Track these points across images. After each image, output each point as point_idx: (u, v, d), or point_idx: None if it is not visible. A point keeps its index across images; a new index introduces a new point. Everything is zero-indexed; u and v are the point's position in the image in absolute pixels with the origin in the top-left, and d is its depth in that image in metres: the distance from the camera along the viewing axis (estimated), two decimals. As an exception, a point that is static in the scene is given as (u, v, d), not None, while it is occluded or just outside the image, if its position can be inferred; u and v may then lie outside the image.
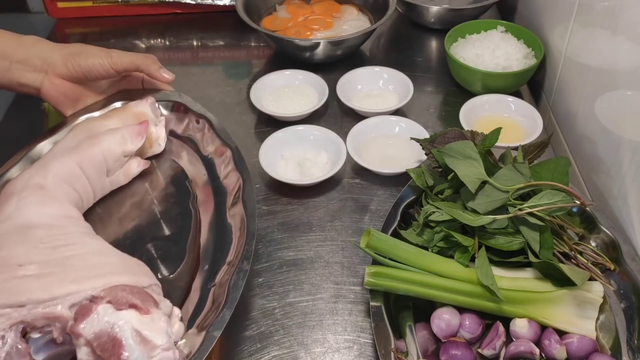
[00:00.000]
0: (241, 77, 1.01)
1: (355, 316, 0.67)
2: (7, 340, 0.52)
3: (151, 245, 0.68)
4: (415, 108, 0.93)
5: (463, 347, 0.58)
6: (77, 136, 0.71)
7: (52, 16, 1.16)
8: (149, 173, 0.76)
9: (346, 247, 0.73)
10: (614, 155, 0.70)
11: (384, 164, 0.81)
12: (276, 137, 0.83)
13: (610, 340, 0.59)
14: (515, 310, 0.60)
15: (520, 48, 0.94)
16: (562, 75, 0.88)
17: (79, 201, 0.69)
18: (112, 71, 0.77)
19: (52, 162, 0.67)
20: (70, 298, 0.53)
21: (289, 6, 1.10)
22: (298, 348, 0.64)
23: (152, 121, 0.77)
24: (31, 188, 0.64)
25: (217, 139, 0.76)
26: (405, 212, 0.69)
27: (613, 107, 0.72)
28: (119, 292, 0.54)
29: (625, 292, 0.62)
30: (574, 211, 0.68)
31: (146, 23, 1.15)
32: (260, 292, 0.69)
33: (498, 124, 0.70)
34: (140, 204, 0.73)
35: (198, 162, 0.76)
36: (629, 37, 0.67)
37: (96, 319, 0.52)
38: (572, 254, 0.63)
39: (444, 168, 0.67)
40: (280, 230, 0.76)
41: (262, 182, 0.81)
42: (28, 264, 0.55)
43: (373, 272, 0.60)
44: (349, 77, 0.94)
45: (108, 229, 0.70)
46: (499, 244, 0.61)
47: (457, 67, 0.93)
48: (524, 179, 0.63)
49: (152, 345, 0.52)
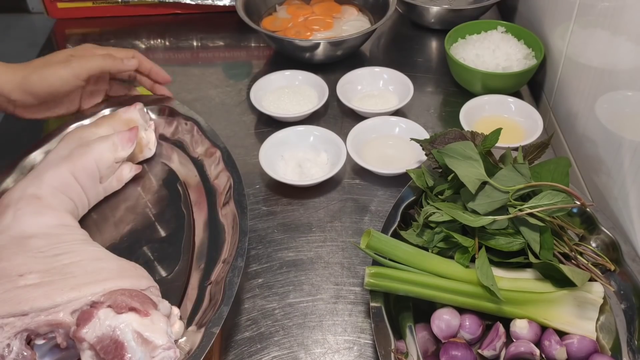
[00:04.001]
0: (241, 78, 1.01)
1: (355, 317, 0.66)
2: (12, 348, 0.53)
3: (147, 248, 0.69)
4: (416, 108, 0.93)
5: (463, 347, 0.58)
6: (68, 145, 0.72)
7: (51, 16, 1.16)
8: (142, 177, 0.77)
9: (346, 247, 0.73)
10: (615, 156, 0.70)
11: (384, 164, 0.81)
12: (276, 137, 0.83)
13: (610, 341, 0.59)
14: (515, 310, 0.60)
15: (520, 48, 0.94)
16: (563, 75, 0.88)
17: (74, 209, 0.70)
18: (77, 82, 0.76)
19: (46, 172, 0.68)
20: (71, 304, 0.54)
21: (289, 7, 1.10)
22: (298, 349, 0.64)
23: (142, 126, 0.78)
24: (27, 199, 0.65)
25: (206, 141, 0.78)
26: (406, 212, 0.69)
27: (613, 108, 0.72)
28: (119, 296, 0.55)
29: (625, 293, 0.62)
30: (574, 212, 0.68)
31: (146, 23, 1.15)
32: (260, 293, 0.69)
33: (498, 125, 0.70)
34: (134, 207, 0.74)
35: (189, 164, 0.78)
36: (629, 37, 0.67)
37: (98, 324, 0.53)
38: (573, 254, 0.63)
39: (444, 169, 0.67)
40: (280, 230, 0.76)
41: (262, 182, 0.81)
42: (28, 274, 0.57)
43: (373, 272, 0.60)
44: (349, 77, 0.94)
45: (104, 234, 0.71)
46: (499, 244, 0.61)
47: (457, 68, 0.93)
48: (524, 179, 0.63)
49: (154, 345, 0.53)
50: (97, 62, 0.76)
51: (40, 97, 0.74)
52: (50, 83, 0.74)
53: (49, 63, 0.75)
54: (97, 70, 0.77)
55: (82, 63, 0.75)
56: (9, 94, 0.73)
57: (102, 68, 0.77)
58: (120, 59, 0.79)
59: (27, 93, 0.74)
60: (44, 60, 0.76)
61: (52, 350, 0.56)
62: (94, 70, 0.76)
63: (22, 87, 0.73)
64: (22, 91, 0.73)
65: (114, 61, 0.78)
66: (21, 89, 0.73)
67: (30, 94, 0.74)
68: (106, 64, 0.77)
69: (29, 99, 0.74)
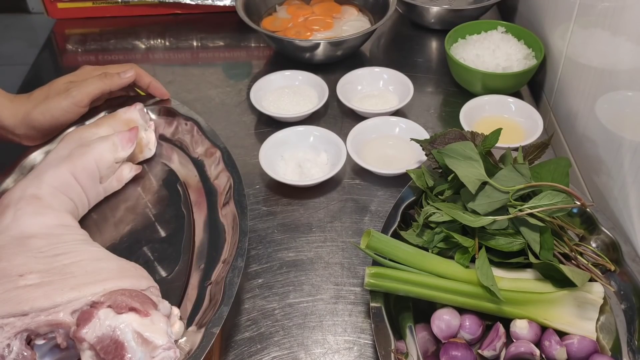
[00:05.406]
0: (241, 78, 1.01)
1: (355, 317, 0.66)
2: (12, 349, 0.53)
3: (147, 248, 0.69)
4: (416, 109, 0.93)
5: (463, 348, 0.58)
6: (68, 145, 0.72)
7: (51, 17, 1.16)
8: (142, 177, 0.78)
9: (346, 248, 0.73)
10: (615, 156, 0.70)
11: (384, 164, 0.81)
12: (276, 137, 0.82)
13: (610, 341, 0.59)
14: (515, 311, 0.60)
15: (520, 48, 0.94)
16: (563, 75, 0.88)
17: (74, 209, 0.70)
18: (80, 109, 0.76)
19: (46, 172, 0.68)
20: (71, 305, 0.54)
21: (289, 7, 1.10)
22: (298, 349, 0.64)
23: (142, 127, 0.78)
24: (27, 199, 0.65)
25: (206, 141, 0.78)
26: (406, 213, 0.69)
27: (614, 108, 0.72)
28: (119, 296, 0.55)
29: (625, 293, 0.62)
30: (575, 212, 0.68)
31: (146, 23, 1.15)
32: (260, 293, 0.69)
33: (498, 125, 0.70)
34: (135, 208, 0.74)
35: (189, 164, 0.78)
36: (629, 37, 0.67)
37: (98, 324, 0.53)
38: (573, 254, 0.63)
39: (444, 169, 0.67)
40: (280, 231, 0.76)
41: (262, 182, 0.81)
42: (28, 274, 0.57)
43: (373, 273, 0.60)
44: (349, 77, 0.94)
45: (104, 234, 0.71)
46: (499, 244, 0.61)
47: (458, 68, 0.93)
48: (524, 179, 0.63)
49: (154, 345, 0.53)
50: (95, 85, 0.77)
51: (44, 130, 0.76)
52: (53, 116, 0.75)
53: (49, 95, 0.75)
54: (97, 93, 0.77)
55: (82, 89, 0.76)
56: (13, 129, 0.75)
57: (102, 89, 0.77)
58: (117, 74, 0.79)
59: (31, 127, 0.75)
60: (44, 92, 0.76)
61: (52, 350, 0.56)
62: (94, 95, 0.77)
63: (25, 123, 0.74)
64: (26, 126, 0.75)
65: (112, 79, 0.78)
66: (24, 124, 0.75)
67: (34, 128, 0.75)
68: (105, 85, 0.77)
69: (33, 132, 0.76)
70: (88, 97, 0.76)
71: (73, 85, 0.76)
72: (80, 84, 0.76)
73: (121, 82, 0.79)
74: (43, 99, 0.75)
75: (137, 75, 0.81)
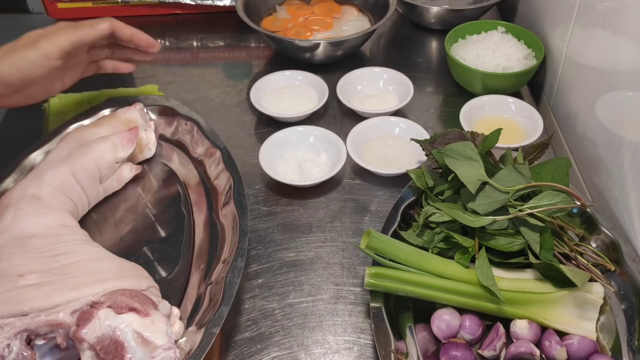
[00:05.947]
0: (241, 78, 1.01)
1: (355, 317, 0.66)
2: (12, 349, 0.53)
3: (147, 248, 0.69)
4: (416, 109, 0.93)
5: (463, 348, 0.58)
6: (68, 145, 0.72)
7: (51, 17, 1.16)
8: (142, 177, 0.78)
9: (346, 248, 0.73)
10: (615, 156, 0.70)
11: (384, 164, 0.81)
12: (276, 137, 0.82)
13: (610, 341, 0.59)
14: (515, 311, 0.60)
15: (520, 49, 0.94)
16: (563, 75, 0.88)
17: (74, 209, 0.70)
18: (49, 62, 0.70)
19: (46, 172, 0.68)
20: (71, 305, 0.55)
21: (289, 7, 1.10)
22: (298, 349, 0.64)
23: (142, 127, 0.78)
24: (27, 199, 0.65)
25: (206, 141, 0.78)
26: (406, 213, 0.69)
27: (614, 108, 0.72)
28: (119, 296, 0.55)
29: (625, 293, 0.62)
30: (575, 212, 0.68)
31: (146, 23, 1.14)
32: (260, 293, 0.69)
33: (498, 125, 0.70)
34: (134, 208, 0.74)
35: (189, 164, 0.78)
36: (629, 37, 0.67)
37: (98, 324, 0.53)
38: (573, 255, 0.63)
39: (444, 169, 0.67)
40: (280, 231, 0.76)
41: (262, 183, 0.81)
42: (28, 274, 0.57)
43: (373, 273, 0.60)
44: (349, 77, 0.94)
45: (104, 234, 0.71)
46: (499, 244, 0.61)
47: (458, 68, 0.93)
48: (524, 179, 0.63)
49: (154, 345, 0.53)
50: (65, 36, 0.71)
51: (13, 85, 0.70)
52: (19, 69, 0.69)
53: (15, 48, 0.69)
54: (68, 45, 0.71)
55: (51, 41, 0.70)
56: None
57: (73, 41, 0.71)
58: (90, 25, 0.73)
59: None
60: (11, 45, 0.70)
61: (52, 351, 0.56)
62: (65, 47, 0.70)
63: None
64: None
65: (84, 30, 0.72)
66: None
67: (2, 84, 0.69)
68: (76, 36, 0.71)
69: (2, 89, 0.69)
70: (57, 48, 0.70)
71: (42, 37, 0.70)
72: (49, 36, 0.70)
73: (95, 33, 0.73)
74: (9, 52, 0.69)
75: (116, 29, 0.75)
